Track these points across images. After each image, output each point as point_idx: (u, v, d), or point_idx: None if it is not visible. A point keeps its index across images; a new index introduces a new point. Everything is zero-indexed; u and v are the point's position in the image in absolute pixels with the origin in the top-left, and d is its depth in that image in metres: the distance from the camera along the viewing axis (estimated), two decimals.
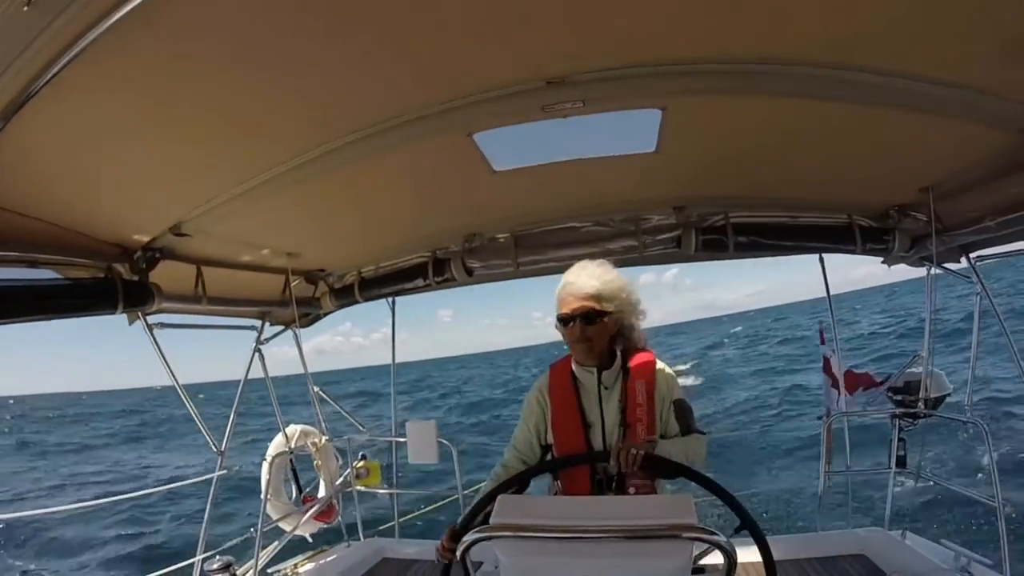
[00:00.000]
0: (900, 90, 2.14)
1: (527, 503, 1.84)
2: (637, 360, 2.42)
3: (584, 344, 2.31)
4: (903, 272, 4.23)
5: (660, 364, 2.44)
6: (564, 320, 2.32)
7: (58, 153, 2.12)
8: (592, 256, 2.51)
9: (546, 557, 1.61)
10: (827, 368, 5.22)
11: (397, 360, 5.36)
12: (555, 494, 2.48)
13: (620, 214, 3.78)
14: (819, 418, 5.48)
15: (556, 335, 2.37)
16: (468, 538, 1.73)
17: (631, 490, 2.27)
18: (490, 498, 2.08)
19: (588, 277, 2.32)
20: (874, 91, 2.15)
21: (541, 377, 2.57)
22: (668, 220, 3.77)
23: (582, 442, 2.35)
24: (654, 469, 2.12)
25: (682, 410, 2.40)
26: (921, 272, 4.09)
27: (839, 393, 4.92)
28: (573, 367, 2.45)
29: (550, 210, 3.72)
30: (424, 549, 4.70)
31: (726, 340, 61.84)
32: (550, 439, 2.46)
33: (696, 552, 1.62)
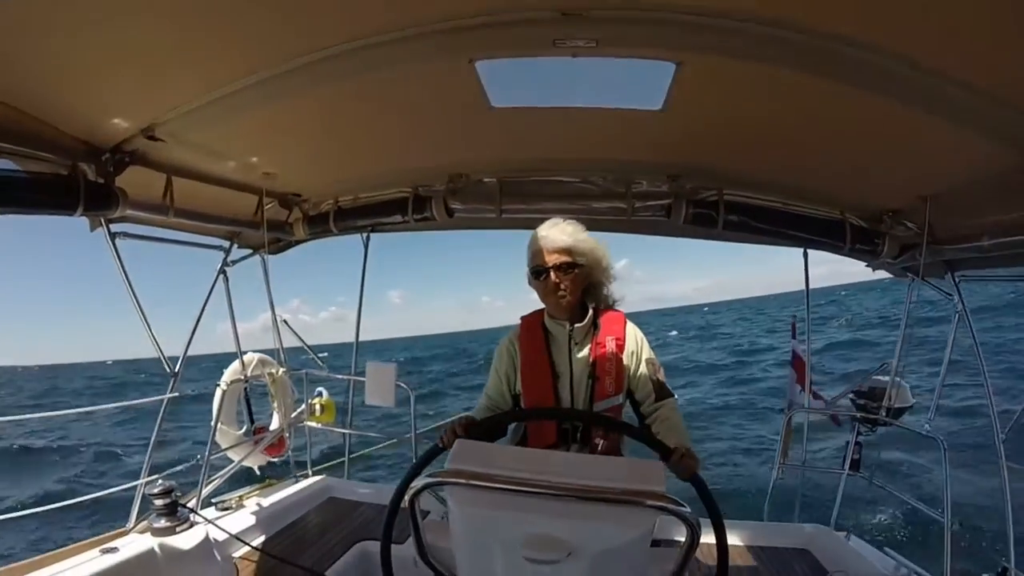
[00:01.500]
0: (926, 88, 2.04)
1: (488, 450, 1.72)
2: (608, 317, 2.53)
3: (556, 296, 2.41)
4: (855, 275, 4.26)
5: (631, 325, 2.53)
6: (537, 272, 2.44)
7: (31, 30, 1.89)
8: (579, 213, 2.47)
9: (500, 511, 1.53)
10: (796, 362, 5.24)
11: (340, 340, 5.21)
12: (517, 443, 2.50)
13: (612, 173, 3.65)
14: (780, 410, 5.54)
15: (505, 319, 2.33)
16: (418, 483, 1.64)
17: (596, 442, 2.37)
18: (507, 416, 2.34)
19: (560, 232, 2.42)
20: (901, 84, 2.04)
21: (512, 330, 2.64)
22: (661, 188, 3.66)
23: (550, 392, 2.42)
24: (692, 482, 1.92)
25: (655, 369, 2.49)
26: (869, 276, 4.05)
27: (803, 389, 4.96)
28: (545, 320, 2.54)
29: (541, 159, 3.56)
30: (372, 491, 4.66)
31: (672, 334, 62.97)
32: (519, 388, 2.53)
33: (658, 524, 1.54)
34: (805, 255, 4.32)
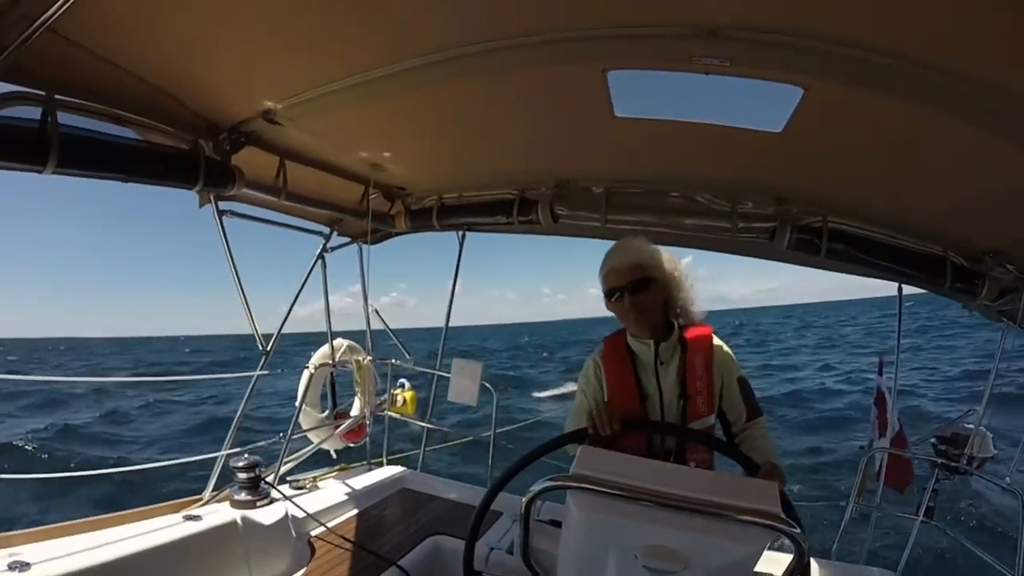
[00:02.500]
0: None
1: (611, 459, 1.73)
2: (694, 333, 2.44)
3: (634, 314, 2.36)
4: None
5: (718, 340, 2.44)
6: (610, 294, 2.40)
7: (172, 8, 1.96)
8: (683, 229, 2.40)
9: (623, 518, 1.55)
10: (879, 400, 5.05)
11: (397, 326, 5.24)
12: None
13: (719, 191, 3.54)
14: (861, 447, 5.30)
15: (566, 313, 2.28)
16: (539, 486, 1.66)
17: (691, 463, 2.33)
18: (659, 426, 2.31)
19: (625, 252, 2.39)
20: (1011, 123, 1.99)
21: (596, 350, 2.58)
22: (766, 210, 3.52)
23: (640, 415, 2.36)
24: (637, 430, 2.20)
25: (747, 389, 2.42)
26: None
27: (882, 431, 4.82)
28: (628, 340, 2.48)
29: (651, 171, 3.50)
30: (446, 486, 4.65)
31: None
32: None
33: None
34: (900, 290, 4.12)
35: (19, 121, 2.12)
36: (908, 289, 3.98)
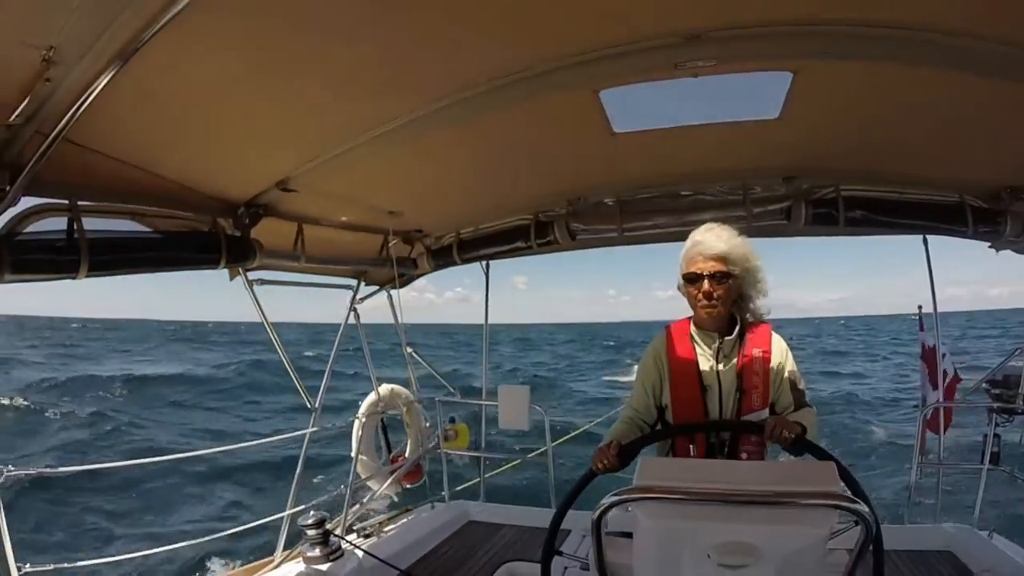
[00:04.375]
0: None
1: (671, 465, 1.83)
2: (755, 330, 2.45)
3: (709, 304, 2.32)
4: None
5: (776, 336, 2.46)
6: (692, 278, 2.34)
7: (171, 105, 2.08)
8: (698, 224, 2.44)
9: (692, 521, 1.59)
10: (925, 355, 5.01)
11: (464, 321, 5.26)
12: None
13: (728, 182, 3.60)
14: (915, 406, 5.30)
15: (630, 315, 2.30)
16: (608, 500, 1.68)
17: (743, 456, 2.32)
18: (656, 435, 2.32)
19: (716, 238, 2.32)
20: (1006, 65, 2.01)
21: (656, 338, 2.57)
22: (778, 191, 3.56)
23: (699, 406, 2.38)
24: (799, 448, 2.11)
25: (796, 379, 2.42)
26: None
27: (934, 383, 4.77)
28: (692, 331, 2.47)
29: (659, 175, 3.55)
30: (510, 513, 4.70)
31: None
32: (666, 400, 2.47)
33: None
34: (925, 242, 4.16)
35: (47, 234, 2.24)
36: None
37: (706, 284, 2.29)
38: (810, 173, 3.42)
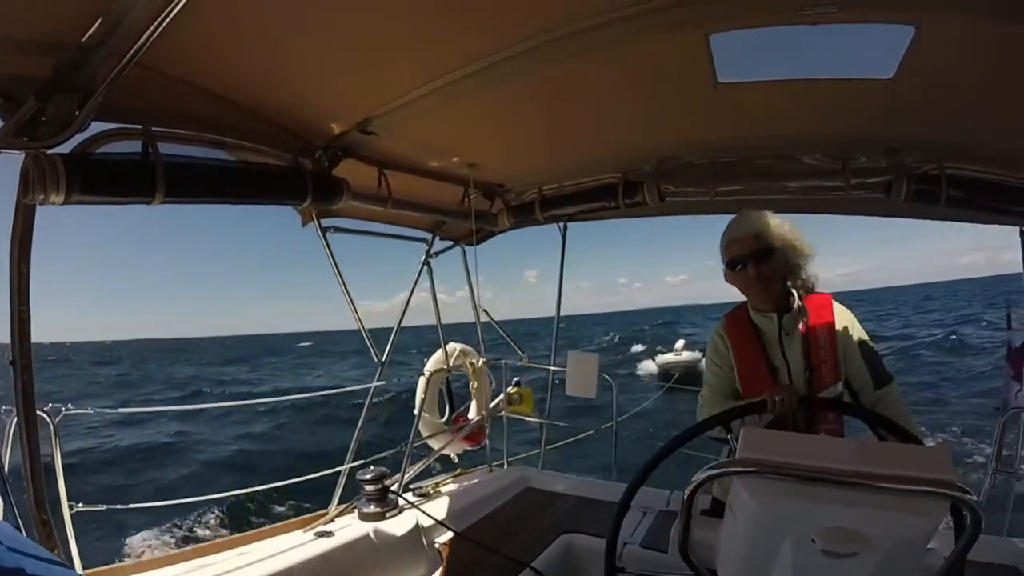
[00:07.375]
0: None
1: (775, 438, 1.59)
2: (814, 302, 2.43)
3: (758, 285, 2.36)
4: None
5: (838, 305, 2.42)
6: (732, 264, 2.40)
7: (258, 30, 1.98)
8: (794, 193, 2.67)
9: (802, 500, 1.41)
10: (1012, 356, 4.68)
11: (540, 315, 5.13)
12: None
13: (828, 149, 3.33)
14: (997, 408, 5.19)
15: (642, 302, 2.12)
16: (703, 474, 1.54)
17: (821, 433, 2.28)
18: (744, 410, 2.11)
19: (746, 222, 2.40)
20: None
21: (715, 331, 2.61)
22: (879, 164, 3.27)
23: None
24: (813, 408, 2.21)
25: (871, 353, 2.37)
26: None
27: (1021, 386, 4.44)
28: (751, 314, 2.49)
29: (757, 137, 3.29)
30: (570, 483, 4.56)
31: None
32: (738, 385, 2.48)
33: None
34: (1022, 234, 3.77)
35: (121, 155, 2.16)
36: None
37: (749, 267, 2.35)
38: (915, 145, 3.15)
